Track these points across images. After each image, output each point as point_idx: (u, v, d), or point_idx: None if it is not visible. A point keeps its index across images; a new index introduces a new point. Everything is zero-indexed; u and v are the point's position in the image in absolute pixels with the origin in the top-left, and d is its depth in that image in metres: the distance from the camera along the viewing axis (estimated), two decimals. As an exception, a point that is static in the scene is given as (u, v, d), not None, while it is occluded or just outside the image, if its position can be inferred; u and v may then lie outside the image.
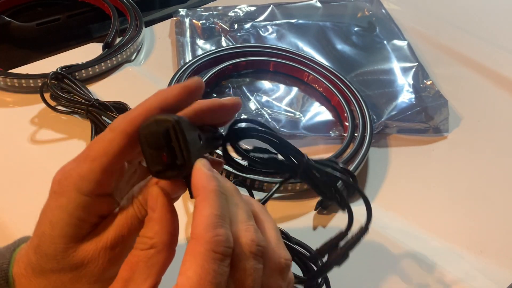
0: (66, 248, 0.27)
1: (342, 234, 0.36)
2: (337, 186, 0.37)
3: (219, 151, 0.39)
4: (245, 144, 0.34)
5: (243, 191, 0.40)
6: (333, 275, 0.43)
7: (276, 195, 0.50)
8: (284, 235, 0.41)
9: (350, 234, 0.38)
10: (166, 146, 0.25)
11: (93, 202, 0.27)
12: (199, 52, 0.67)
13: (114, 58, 0.62)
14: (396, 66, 0.68)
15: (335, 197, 0.37)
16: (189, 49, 0.67)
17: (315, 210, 0.49)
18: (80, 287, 0.28)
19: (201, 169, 0.26)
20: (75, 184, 0.26)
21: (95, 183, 0.26)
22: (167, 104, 0.27)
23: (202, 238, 0.24)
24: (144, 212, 0.28)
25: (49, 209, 0.27)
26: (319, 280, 0.40)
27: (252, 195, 0.46)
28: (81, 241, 0.27)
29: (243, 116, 0.58)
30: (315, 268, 0.40)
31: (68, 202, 0.26)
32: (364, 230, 0.36)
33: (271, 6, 0.76)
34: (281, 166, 0.33)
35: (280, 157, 0.33)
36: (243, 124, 0.32)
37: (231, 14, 0.74)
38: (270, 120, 0.58)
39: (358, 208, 0.50)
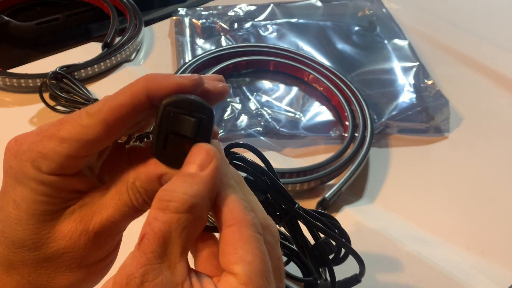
0: (37, 229, 0.23)
1: None
2: (328, 259, 0.35)
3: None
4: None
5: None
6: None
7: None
8: (282, 235, 0.41)
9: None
10: (192, 134, 0.23)
11: (57, 179, 0.23)
12: (199, 51, 0.67)
13: (113, 58, 0.62)
14: (396, 65, 0.67)
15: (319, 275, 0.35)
16: (189, 48, 0.67)
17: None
18: (60, 277, 0.24)
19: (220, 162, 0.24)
20: (34, 161, 0.23)
21: (57, 165, 0.23)
22: (156, 95, 0.23)
23: (246, 221, 0.22)
24: (142, 202, 0.24)
25: (9, 188, 0.24)
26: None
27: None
28: (54, 221, 0.24)
29: (243, 116, 0.58)
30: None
31: (28, 178, 0.23)
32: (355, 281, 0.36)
33: (271, 5, 0.76)
34: (266, 209, 0.31)
35: (270, 197, 0.32)
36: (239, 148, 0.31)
37: (231, 13, 0.74)
38: (270, 120, 0.57)
39: (357, 208, 0.50)
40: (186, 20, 0.72)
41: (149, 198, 0.24)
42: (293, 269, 0.41)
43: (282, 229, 0.41)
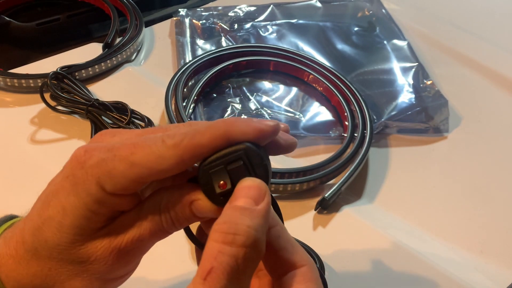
0: (74, 240, 0.24)
1: None
2: None
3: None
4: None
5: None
6: (333, 275, 0.43)
7: (275, 195, 0.50)
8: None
9: None
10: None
11: (113, 199, 0.24)
12: (199, 52, 0.67)
13: (114, 58, 0.62)
14: (396, 66, 0.67)
15: None
16: (189, 49, 0.67)
17: (315, 210, 0.49)
18: (77, 282, 0.25)
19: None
20: (100, 178, 0.23)
21: (121, 186, 0.24)
22: (236, 140, 0.24)
23: (312, 262, 0.25)
24: (171, 225, 0.25)
25: (63, 193, 0.24)
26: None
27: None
28: (92, 236, 0.25)
29: (243, 116, 0.58)
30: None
31: (88, 194, 0.24)
32: None
33: (271, 6, 0.76)
34: None
35: None
36: None
37: (231, 14, 0.74)
38: (270, 120, 0.58)
39: (357, 208, 0.50)
40: (187, 20, 0.72)
41: (178, 222, 0.25)
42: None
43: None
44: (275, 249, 0.25)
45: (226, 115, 0.58)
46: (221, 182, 0.24)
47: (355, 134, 0.56)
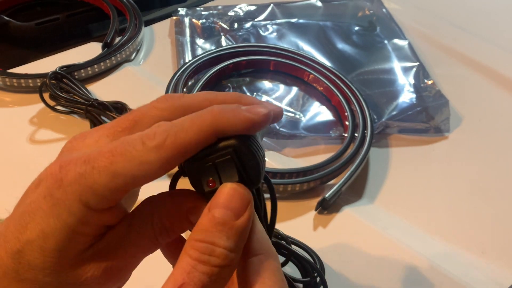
0: (60, 262, 0.22)
1: None
2: None
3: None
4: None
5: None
6: (333, 275, 0.43)
7: (275, 195, 0.49)
8: (280, 235, 0.41)
9: None
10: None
11: (98, 215, 0.22)
12: (199, 51, 0.67)
13: (113, 58, 0.62)
14: (397, 65, 0.67)
15: None
16: (189, 48, 0.67)
17: (315, 210, 0.49)
18: None
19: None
20: (82, 196, 0.21)
21: (108, 200, 0.22)
22: (224, 133, 0.22)
23: (272, 252, 0.23)
24: (166, 239, 0.24)
25: (40, 214, 0.22)
26: (317, 280, 0.40)
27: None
28: (80, 256, 0.23)
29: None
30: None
31: (69, 214, 0.21)
32: None
33: (271, 5, 0.76)
34: None
35: None
36: None
37: (231, 13, 0.74)
38: (270, 120, 0.57)
39: (357, 208, 0.50)
40: (186, 20, 0.72)
41: (173, 233, 0.24)
42: (291, 269, 0.41)
43: (280, 229, 0.41)
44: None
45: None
46: (210, 179, 0.23)
47: (356, 134, 0.55)
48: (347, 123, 0.57)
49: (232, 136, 0.23)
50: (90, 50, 0.63)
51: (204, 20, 0.72)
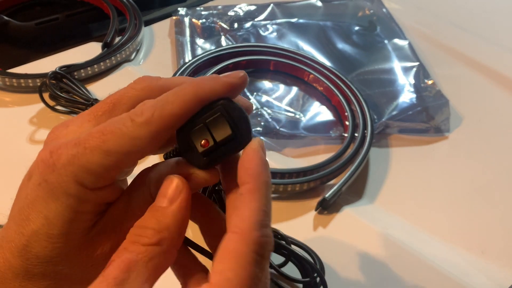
0: (69, 247, 0.23)
1: None
2: None
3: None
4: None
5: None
6: (333, 275, 0.43)
7: (276, 195, 0.49)
8: (280, 235, 0.41)
9: None
10: (220, 142, 0.23)
11: (96, 193, 0.23)
12: (199, 51, 0.66)
13: (113, 58, 0.62)
14: (397, 65, 0.67)
15: None
16: (189, 48, 0.67)
17: (315, 210, 0.49)
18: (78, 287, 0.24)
19: (259, 151, 0.23)
20: (77, 176, 0.22)
21: (102, 179, 0.22)
22: (206, 100, 0.23)
23: (249, 237, 0.21)
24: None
25: (40, 202, 0.22)
26: (317, 281, 0.40)
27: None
28: (86, 237, 0.23)
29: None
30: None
31: (68, 196, 0.22)
32: None
33: (271, 5, 0.76)
34: None
35: None
36: None
37: (231, 13, 0.74)
38: (270, 120, 0.57)
39: (357, 208, 0.50)
40: (186, 20, 0.72)
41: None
42: (291, 269, 0.40)
43: (280, 229, 0.41)
44: (239, 207, 0.23)
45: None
46: (203, 140, 0.23)
47: (356, 134, 0.55)
48: (347, 123, 0.57)
49: (216, 99, 0.24)
50: (90, 50, 0.63)
51: (204, 20, 0.72)
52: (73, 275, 0.23)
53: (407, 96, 0.62)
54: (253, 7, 0.75)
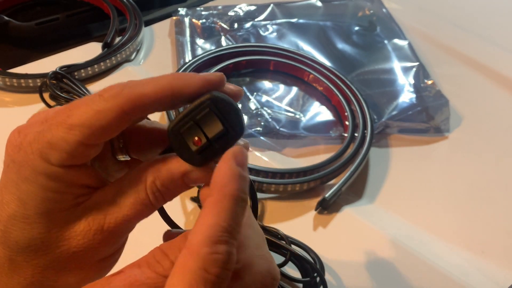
0: (48, 228, 0.22)
1: None
2: None
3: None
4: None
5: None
6: (333, 275, 0.43)
7: (276, 195, 0.49)
8: (280, 235, 0.41)
9: None
10: (212, 138, 0.23)
11: (67, 172, 0.22)
12: (199, 51, 0.67)
13: (113, 58, 0.62)
14: (397, 65, 0.67)
15: None
16: (189, 48, 0.67)
17: (315, 210, 0.49)
18: (68, 275, 0.23)
19: (229, 161, 0.21)
20: (42, 152, 0.21)
21: (68, 154, 0.21)
22: (181, 95, 0.23)
23: (196, 252, 0.20)
24: (161, 200, 0.23)
25: (11, 184, 0.22)
26: (317, 280, 0.40)
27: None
28: (66, 218, 0.22)
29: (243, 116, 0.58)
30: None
31: (36, 173, 0.21)
32: None
33: (271, 5, 0.76)
34: None
35: None
36: None
37: (231, 13, 0.74)
38: (270, 120, 0.57)
39: (357, 208, 0.50)
40: (186, 20, 0.72)
41: (168, 196, 0.24)
42: (291, 270, 0.41)
43: (280, 229, 0.41)
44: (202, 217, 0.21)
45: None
46: (195, 138, 0.23)
47: (356, 134, 0.55)
48: (347, 123, 0.57)
49: (202, 94, 0.23)
50: (90, 50, 0.63)
51: (204, 20, 0.72)
52: (58, 262, 0.23)
53: (407, 96, 0.62)
54: (253, 7, 0.75)
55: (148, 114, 0.23)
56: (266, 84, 0.63)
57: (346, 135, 0.56)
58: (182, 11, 0.73)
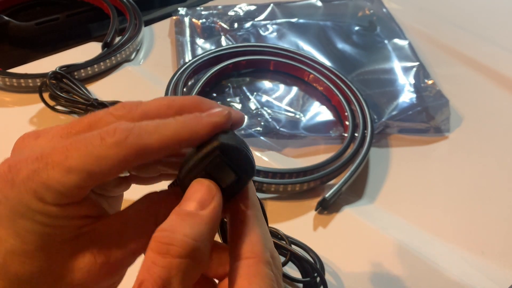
0: (50, 261, 0.21)
1: None
2: None
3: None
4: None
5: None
6: (333, 275, 0.43)
7: (276, 195, 0.49)
8: (280, 235, 0.41)
9: None
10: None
11: (65, 209, 0.21)
12: (199, 51, 0.66)
13: (113, 58, 0.62)
14: (397, 65, 0.67)
15: None
16: (189, 48, 0.67)
17: (315, 210, 0.49)
18: None
19: (252, 187, 0.25)
20: (37, 192, 0.20)
21: (64, 196, 0.21)
22: (188, 144, 0.22)
23: (264, 258, 0.22)
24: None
25: (5, 220, 0.20)
26: (317, 280, 0.40)
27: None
28: (70, 250, 0.22)
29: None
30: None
31: (32, 212, 0.20)
32: None
33: (271, 5, 0.76)
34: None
35: None
36: None
37: (231, 13, 0.74)
38: (270, 120, 0.57)
39: (357, 208, 0.50)
40: (186, 20, 0.72)
41: None
42: (290, 270, 0.40)
43: (280, 229, 0.41)
44: (240, 237, 0.23)
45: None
46: None
47: (356, 134, 0.55)
48: (347, 123, 0.57)
49: (209, 139, 0.22)
50: (90, 50, 0.63)
51: (204, 20, 0.72)
52: None
53: (407, 96, 0.62)
54: (253, 7, 0.75)
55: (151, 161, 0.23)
56: (266, 84, 0.63)
57: (346, 135, 0.56)
58: (182, 11, 0.73)
